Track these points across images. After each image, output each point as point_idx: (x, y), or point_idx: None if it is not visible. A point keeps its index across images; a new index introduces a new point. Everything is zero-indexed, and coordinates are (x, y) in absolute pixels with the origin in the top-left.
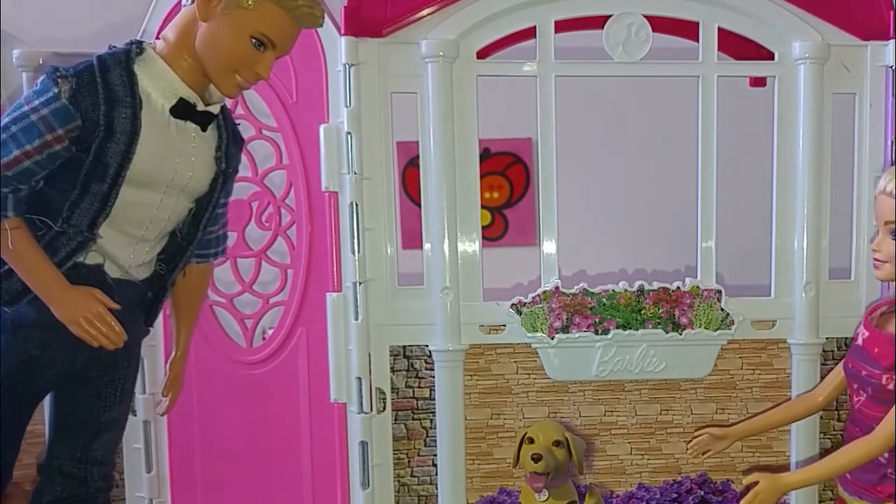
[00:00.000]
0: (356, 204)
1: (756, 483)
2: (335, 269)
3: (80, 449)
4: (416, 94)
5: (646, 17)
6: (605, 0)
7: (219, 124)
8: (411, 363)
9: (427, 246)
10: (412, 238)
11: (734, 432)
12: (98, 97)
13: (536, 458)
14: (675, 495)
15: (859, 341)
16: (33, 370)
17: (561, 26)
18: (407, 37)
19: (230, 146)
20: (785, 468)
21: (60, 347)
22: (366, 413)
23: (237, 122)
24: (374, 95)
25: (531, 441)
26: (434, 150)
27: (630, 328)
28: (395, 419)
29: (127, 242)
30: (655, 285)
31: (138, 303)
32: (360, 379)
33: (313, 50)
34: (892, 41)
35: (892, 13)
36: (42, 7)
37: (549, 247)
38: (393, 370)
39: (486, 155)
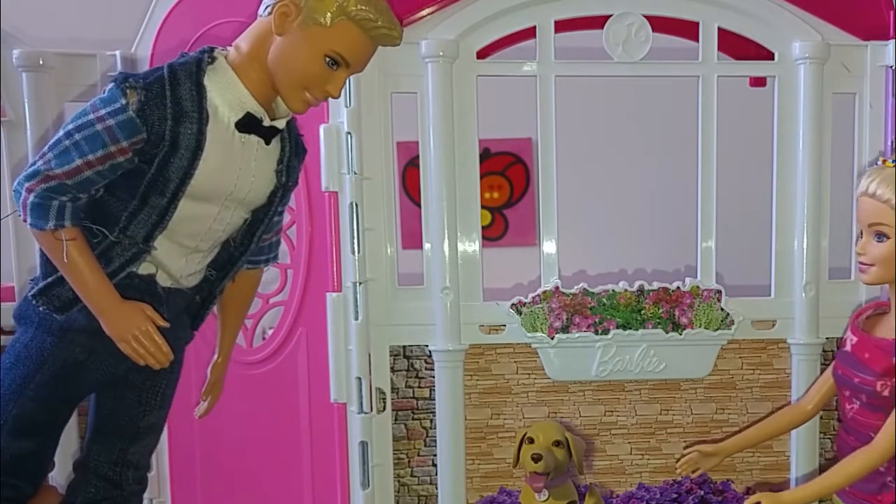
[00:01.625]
0: (356, 204)
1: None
2: (335, 269)
3: (118, 452)
4: (416, 94)
5: (646, 17)
6: (605, 0)
7: (282, 137)
8: (411, 363)
9: (427, 246)
10: (412, 238)
11: (725, 448)
12: (166, 111)
13: (536, 458)
14: (675, 495)
15: (848, 347)
16: (78, 374)
17: (561, 26)
18: (407, 37)
19: (292, 159)
20: (785, 468)
21: (106, 354)
22: (366, 413)
23: None
24: (374, 95)
25: (531, 441)
26: (434, 150)
27: (630, 328)
28: (395, 419)
29: (180, 253)
30: (655, 285)
31: (186, 308)
32: (360, 379)
33: None
34: (892, 41)
35: (892, 13)
36: (42, 7)
37: (549, 247)
38: (393, 370)
39: (486, 155)
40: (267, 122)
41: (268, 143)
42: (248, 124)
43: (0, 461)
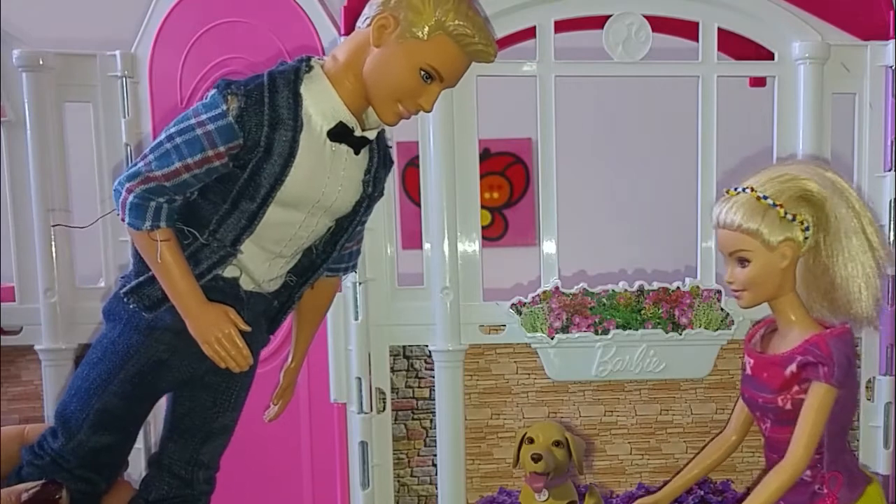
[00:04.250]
0: None
1: None
2: None
3: (191, 451)
4: None
5: (646, 17)
6: (605, 0)
7: (371, 147)
8: (411, 363)
9: (427, 246)
10: (412, 238)
11: (663, 496)
12: (263, 118)
13: (536, 458)
14: None
15: (748, 370)
16: (159, 372)
17: (561, 26)
18: None
19: (379, 170)
20: None
21: (188, 353)
22: (366, 413)
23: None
24: None
25: (531, 441)
26: (434, 150)
27: (630, 328)
28: (395, 419)
29: (265, 258)
30: (655, 285)
31: (264, 312)
32: (359, 379)
33: (313, 50)
34: (892, 41)
35: (892, 13)
36: (42, 7)
37: (549, 247)
38: (393, 370)
39: (486, 155)
40: (358, 133)
41: (357, 152)
42: (339, 133)
43: (79, 454)
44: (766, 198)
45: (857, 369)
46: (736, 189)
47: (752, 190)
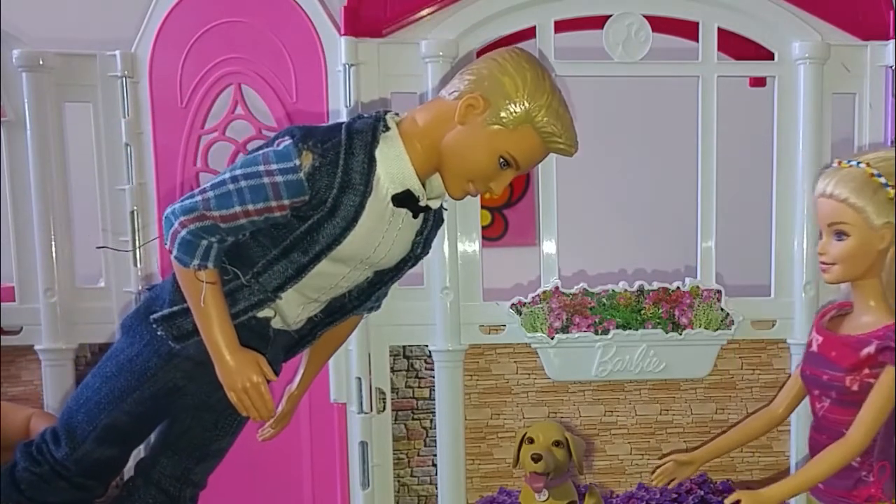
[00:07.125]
0: None
1: (738, 501)
2: None
3: (183, 469)
4: (416, 94)
5: (646, 17)
6: (605, 0)
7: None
8: (411, 363)
9: None
10: None
11: (699, 456)
12: (335, 180)
13: (536, 458)
14: (674, 495)
15: (814, 347)
16: (173, 397)
17: (561, 26)
18: (407, 37)
19: (431, 232)
20: (785, 467)
21: (204, 382)
22: (366, 413)
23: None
24: (374, 95)
25: (531, 441)
26: None
27: (630, 328)
28: (395, 419)
29: (300, 302)
30: (655, 285)
31: (284, 346)
32: (360, 379)
33: (313, 50)
34: (892, 41)
35: (892, 13)
36: (42, 7)
37: (548, 247)
38: (393, 370)
39: None
40: (423, 202)
41: (415, 216)
42: (404, 199)
43: (81, 464)
44: (879, 175)
45: None
46: (849, 162)
47: (868, 165)
